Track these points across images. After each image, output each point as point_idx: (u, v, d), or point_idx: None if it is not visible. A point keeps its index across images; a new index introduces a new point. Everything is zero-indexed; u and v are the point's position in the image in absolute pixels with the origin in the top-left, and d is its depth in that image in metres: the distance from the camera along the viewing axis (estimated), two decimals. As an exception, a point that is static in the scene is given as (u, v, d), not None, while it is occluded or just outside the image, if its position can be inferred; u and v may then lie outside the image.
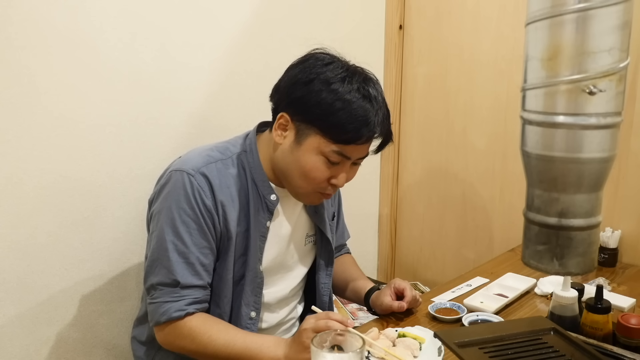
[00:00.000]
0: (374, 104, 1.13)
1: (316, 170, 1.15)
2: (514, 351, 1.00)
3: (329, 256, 1.39)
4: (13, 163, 1.25)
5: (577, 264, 0.89)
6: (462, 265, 2.04)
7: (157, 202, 1.19)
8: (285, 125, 1.16)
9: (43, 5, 1.24)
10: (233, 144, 1.25)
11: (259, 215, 1.22)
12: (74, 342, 1.41)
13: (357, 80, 1.13)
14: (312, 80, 1.12)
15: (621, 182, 1.70)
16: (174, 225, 1.14)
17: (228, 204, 1.18)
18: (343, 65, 1.15)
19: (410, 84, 2.16)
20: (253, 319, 1.25)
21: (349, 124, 1.10)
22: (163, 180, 1.20)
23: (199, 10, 1.53)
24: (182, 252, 1.15)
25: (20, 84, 1.23)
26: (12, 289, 1.29)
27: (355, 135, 1.12)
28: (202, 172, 1.16)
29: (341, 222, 1.53)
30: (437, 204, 2.17)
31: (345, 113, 1.10)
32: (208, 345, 1.13)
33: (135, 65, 1.42)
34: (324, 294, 1.40)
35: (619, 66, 0.81)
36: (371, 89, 1.14)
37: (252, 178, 1.22)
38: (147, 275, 1.18)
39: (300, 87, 1.14)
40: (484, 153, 2.00)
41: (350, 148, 1.14)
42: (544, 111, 0.85)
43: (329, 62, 1.15)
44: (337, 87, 1.11)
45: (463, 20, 1.97)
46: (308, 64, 1.15)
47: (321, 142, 1.13)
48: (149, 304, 1.18)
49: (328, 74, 1.12)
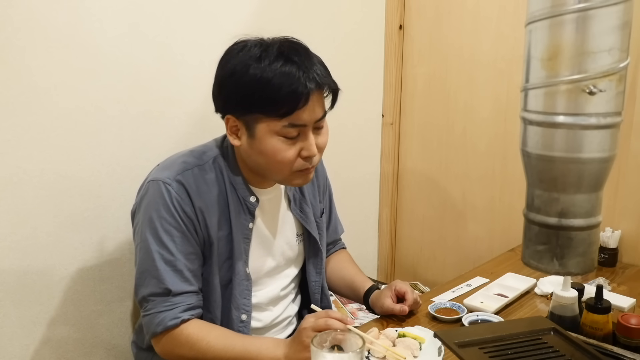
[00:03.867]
0: (298, 63, 1.09)
1: (280, 152, 1.12)
2: (514, 351, 1.00)
3: (316, 254, 1.38)
4: (13, 163, 1.25)
5: (577, 264, 0.89)
6: (462, 265, 2.04)
7: (138, 214, 1.19)
8: (235, 126, 1.15)
9: (43, 5, 1.24)
10: (210, 148, 1.24)
11: (240, 218, 1.21)
12: (74, 342, 1.41)
13: (272, 51, 1.10)
14: (234, 72, 1.11)
15: (621, 182, 1.70)
16: (157, 235, 1.14)
17: (207, 209, 1.17)
18: (257, 44, 1.12)
19: (410, 84, 2.16)
20: (244, 321, 1.24)
21: (280, 94, 1.07)
22: (142, 191, 1.20)
23: (199, 10, 1.53)
24: (169, 260, 1.15)
25: (20, 84, 1.23)
26: (12, 289, 1.29)
27: (292, 102, 1.08)
28: (178, 180, 1.16)
29: (333, 217, 1.51)
30: (437, 204, 2.17)
31: (273, 85, 1.07)
32: (207, 352, 1.13)
33: (136, 65, 1.42)
34: (315, 291, 1.39)
35: (619, 66, 0.81)
36: (290, 52, 1.10)
37: (230, 181, 1.21)
38: (137, 287, 1.18)
39: (225, 85, 1.13)
40: (483, 153, 2.00)
41: (296, 115, 1.10)
42: (544, 111, 0.85)
43: (242, 48, 1.13)
44: (256, 66, 1.08)
45: (463, 20, 1.97)
46: (226, 58, 1.14)
47: (269, 124, 1.11)
48: (143, 317, 1.17)
49: (244, 58, 1.10)
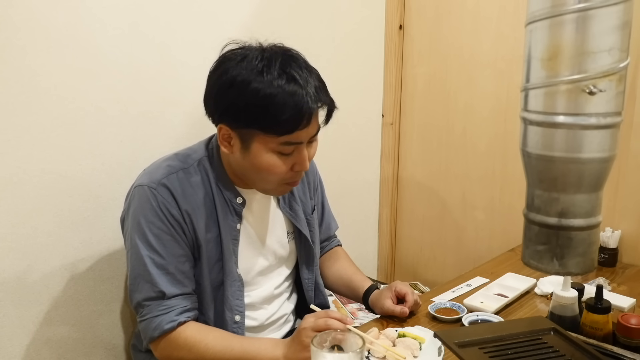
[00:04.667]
0: (301, 83, 1.07)
1: (274, 167, 1.12)
2: (514, 351, 1.00)
3: (308, 252, 1.38)
4: (13, 163, 1.25)
5: (577, 264, 0.89)
6: (462, 265, 2.04)
7: (127, 220, 1.20)
8: (228, 135, 1.14)
9: (43, 5, 1.24)
10: (195, 150, 1.24)
11: (227, 220, 1.21)
12: (74, 342, 1.41)
13: (275, 66, 1.07)
14: (233, 83, 1.08)
15: (621, 182, 1.70)
16: (146, 240, 1.15)
17: (193, 212, 1.17)
18: (258, 55, 1.10)
19: (410, 84, 2.16)
20: (238, 322, 1.24)
21: (283, 115, 1.06)
22: (129, 197, 1.21)
23: (199, 10, 1.53)
24: (160, 264, 1.15)
25: (20, 84, 1.23)
26: (12, 289, 1.29)
27: (294, 123, 1.07)
28: (163, 184, 1.16)
29: (326, 213, 1.51)
30: (437, 204, 2.17)
31: (276, 105, 1.05)
32: (206, 354, 1.13)
33: (135, 65, 1.42)
34: (308, 289, 1.39)
35: (619, 66, 0.81)
36: (293, 70, 1.08)
37: (216, 183, 1.21)
38: (131, 293, 1.18)
39: (224, 95, 1.10)
40: (483, 153, 2.00)
41: (295, 135, 1.09)
42: (544, 111, 0.85)
43: (243, 57, 1.10)
44: (257, 82, 1.06)
45: (463, 20, 1.97)
46: (225, 67, 1.11)
47: (267, 140, 1.10)
48: (140, 323, 1.17)
49: (246, 71, 1.07)
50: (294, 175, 1.17)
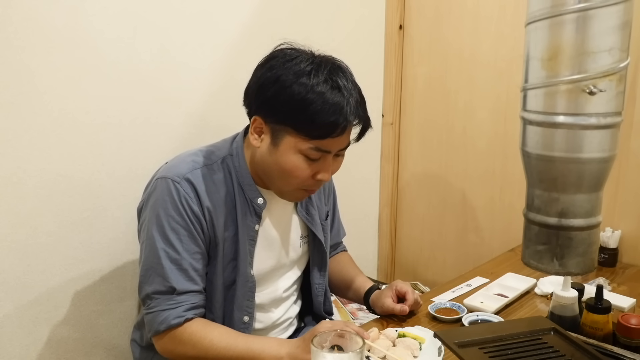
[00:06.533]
0: (344, 93, 1.09)
1: (297, 170, 1.13)
2: (514, 351, 1.00)
3: (321, 257, 1.38)
4: (13, 163, 1.25)
5: (577, 264, 0.89)
6: (462, 265, 2.04)
7: (145, 211, 1.19)
8: (260, 128, 1.14)
9: (43, 5, 1.24)
10: (219, 148, 1.24)
11: (246, 219, 1.21)
12: (74, 342, 1.41)
13: (323, 72, 1.09)
14: (278, 79, 1.09)
15: (621, 182, 1.70)
16: (163, 233, 1.14)
17: (214, 209, 1.17)
18: (308, 59, 1.11)
19: (410, 84, 2.15)
20: (246, 323, 1.24)
21: (320, 119, 1.07)
22: (150, 188, 1.20)
23: (199, 11, 1.53)
24: (175, 259, 1.14)
25: (20, 84, 1.23)
26: (12, 289, 1.29)
27: (328, 129, 1.08)
28: (187, 179, 1.15)
29: (336, 220, 1.52)
30: (437, 204, 2.17)
31: (315, 108, 1.06)
32: (210, 350, 1.13)
33: (135, 65, 1.42)
34: (318, 294, 1.39)
35: (619, 66, 0.81)
36: (339, 79, 1.10)
37: (238, 182, 1.21)
38: (141, 284, 1.18)
39: (267, 88, 1.11)
40: (483, 153, 2.00)
41: (327, 142, 1.11)
42: (544, 111, 0.85)
43: (293, 57, 1.11)
44: (303, 82, 1.07)
45: (463, 20, 1.97)
46: (273, 63, 1.12)
47: (297, 141, 1.10)
48: (146, 314, 1.17)
49: (293, 70, 1.08)
50: (313, 184, 1.16)
